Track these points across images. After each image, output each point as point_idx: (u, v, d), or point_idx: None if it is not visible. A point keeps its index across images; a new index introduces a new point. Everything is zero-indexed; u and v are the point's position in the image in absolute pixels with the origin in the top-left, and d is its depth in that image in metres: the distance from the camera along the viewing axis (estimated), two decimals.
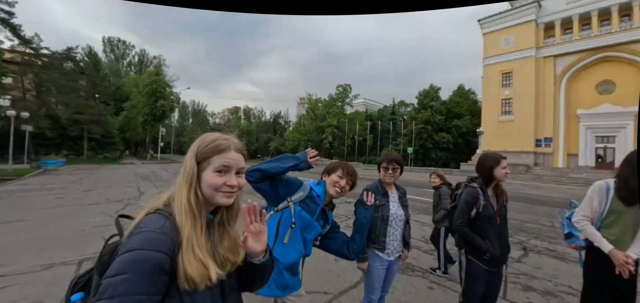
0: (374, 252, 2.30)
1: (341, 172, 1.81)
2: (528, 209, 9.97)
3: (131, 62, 60.39)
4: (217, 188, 0.86)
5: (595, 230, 2.05)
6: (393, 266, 2.41)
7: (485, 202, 2.21)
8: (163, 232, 0.75)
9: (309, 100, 54.86)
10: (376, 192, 2.33)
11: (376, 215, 2.28)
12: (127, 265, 0.69)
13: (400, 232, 2.36)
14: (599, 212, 2.07)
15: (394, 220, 2.31)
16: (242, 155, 0.92)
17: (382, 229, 2.29)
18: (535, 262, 4.81)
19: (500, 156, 2.26)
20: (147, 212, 0.83)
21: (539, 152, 34.68)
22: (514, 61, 36.52)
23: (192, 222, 0.81)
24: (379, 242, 2.29)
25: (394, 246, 2.33)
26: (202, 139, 0.90)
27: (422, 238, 5.81)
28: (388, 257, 2.31)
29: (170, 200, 0.85)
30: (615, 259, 1.90)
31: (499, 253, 2.19)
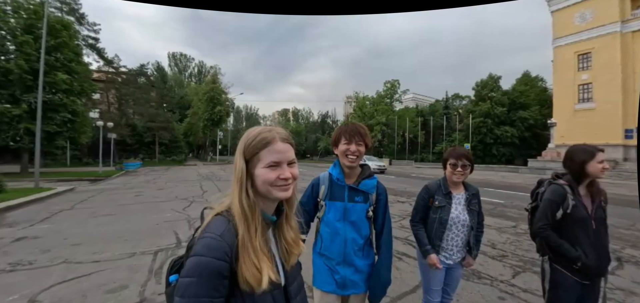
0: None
1: (346, 139, 1.63)
2: (620, 212, 8.49)
3: (192, 73, 66.53)
4: (272, 183, 0.84)
5: None
6: (454, 271, 2.20)
7: (576, 201, 1.86)
8: (222, 238, 0.77)
9: (356, 98, 54.27)
10: (437, 191, 2.18)
11: (434, 217, 2.15)
12: (192, 269, 0.73)
13: (463, 237, 2.13)
14: None
15: (454, 225, 2.11)
16: (290, 145, 0.89)
17: (439, 233, 2.13)
18: (634, 275, 4.05)
19: (596, 148, 1.88)
20: (216, 213, 0.84)
21: (630, 144, 29.46)
22: (593, 39, 31.56)
23: (246, 224, 0.80)
24: (435, 245, 2.14)
25: (454, 251, 2.14)
26: (246, 135, 0.88)
27: (488, 243, 5.30)
28: (446, 259, 2.14)
29: (231, 203, 0.85)
30: None
31: (595, 263, 1.82)
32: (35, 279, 3.69)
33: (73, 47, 19.95)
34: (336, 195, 1.66)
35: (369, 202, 1.70)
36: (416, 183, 15.11)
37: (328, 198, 1.66)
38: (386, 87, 50.75)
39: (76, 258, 4.42)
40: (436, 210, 2.13)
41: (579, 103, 32.66)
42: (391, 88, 50.34)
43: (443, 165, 2.22)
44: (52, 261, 4.29)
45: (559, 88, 34.67)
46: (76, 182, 15.26)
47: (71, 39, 19.70)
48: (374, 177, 1.75)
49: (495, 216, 7.61)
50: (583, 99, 32.55)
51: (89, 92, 23.28)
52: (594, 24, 31.53)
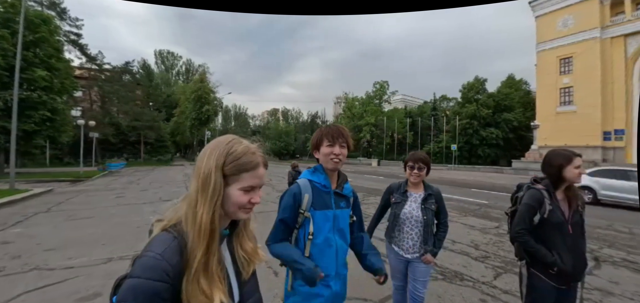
0: (389, 246, 2.43)
1: (329, 140, 1.52)
2: (598, 213, 8.77)
3: (179, 72, 65.26)
4: (241, 206, 0.80)
5: None
6: (417, 266, 2.31)
7: (553, 206, 1.87)
8: (163, 257, 0.69)
9: (345, 99, 54.45)
10: (397, 189, 2.42)
11: (391, 212, 2.42)
12: (128, 292, 0.67)
13: (417, 233, 2.30)
14: None
15: (407, 220, 2.31)
16: (266, 168, 0.86)
17: (393, 226, 2.39)
18: (610, 275, 4.16)
19: (573, 153, 1.89)
20: (163, 227, 0.77)
21: (609, 146, 30.60)
22: (574, 44, 32.63)
23: (209, 244, 0.74)
24: (391, 237, 2.41)
25: (409, 245, 2.31)
26: (226, 148, 0.79)
27: (471, 244, 5.36)
28: (404, 253, 2.33)
29: (185, 217, 0.76)
30: None
31: (571, 268, 1.83)
32: (2, 288, 3.50)
33: (53, 42, 19.22)
34: (323, 203, 1.51)
35: (350, 206, 1.66)
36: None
37: (314, 207, 1.50)
38: (375, 88, 51.15)
39: (48, 264, 4.21)
40: (393, 206, 2.39)
41: (561, 106, 33.70)
42: (380, 89, 50.76)
43: (404, 166, 2.42)
44: (22, 268, 4.08)
45: (541, 91, 35.70)
46: (55, 183, 14.70)
47: (51, 34, 18.97)
48: (347, 180, 1.71)
49: (479, 217, 7.72)
50: (564, 102, 33.60)
51: (70, 89, 22.47)
52: (575, 29, 32.60)
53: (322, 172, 1.56)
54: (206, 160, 0.78)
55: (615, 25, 30.82)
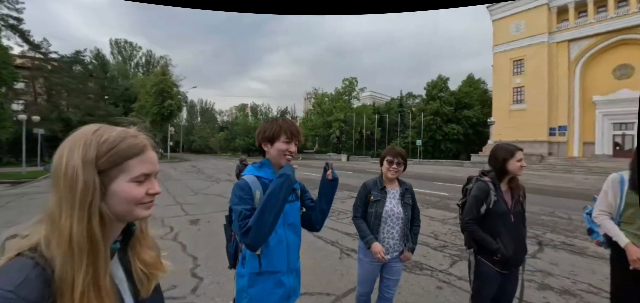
0: (367, 248, 2.21)
1: (287, 136, 1.45)
2: (542, 201, 9.60)
3: (138, 63, 61.19)
4: (138, 202, 0.66)
5: (614, 224, 2.00)
6: (393, 265, 2.23)
7: (497, 197, 2.01)
8: (18, 293, 0.51)
9: (315, 95, 54.49)
10: (374, 186, 2.27)
11: (370, 211, 2.23)
12: None
13: (398, 230, 2.22)
14: (615, 206, 2.03)
15: (389, 218, 2.19)
16: (156, 152, 0.73)
17: (376, 226, 2.20)
18: (551, 257, 4.56)
19: (515, 147, 2.03)
20: (16, 253, 0.57)
21: (553, 141, 33.67)
22: (525, 48, 35.37)
23: (93, 264, 0.58)
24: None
25: (389, 244, 2.20)
26: (95, 139, 0.63)
27: (431, 234, 5.60)
28: (385, 253, 2.16)
29: (46, 240, 0.59)
30: (629, 254, 1.85)
31: (512, 255, 1.98)
32: None
33: None
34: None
35: (298, 198, 1.63)
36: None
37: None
38: (344, 85, 51.73)
39: None
40: (373, 204, 2.22)
41: (513, 104, 36.44)
42: (349, 85, 51.44)
43: (380, 162, 2.31)
44: None
45: (497, 90, 38.37)
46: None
47: None
48: None
49: (440, 208, 8.11)
50: (517, 100, 36.36)
51: (9, 80, 20.18)
52: (526, 34, 35.33)
53: (270, 168, 1.50)
54: (66, 159, 0.60)
55: (560, 31, 33.85)
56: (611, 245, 2.04)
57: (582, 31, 32.30)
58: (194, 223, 6.36)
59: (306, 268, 4.00)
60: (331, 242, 5.14)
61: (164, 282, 0.85)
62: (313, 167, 27.14)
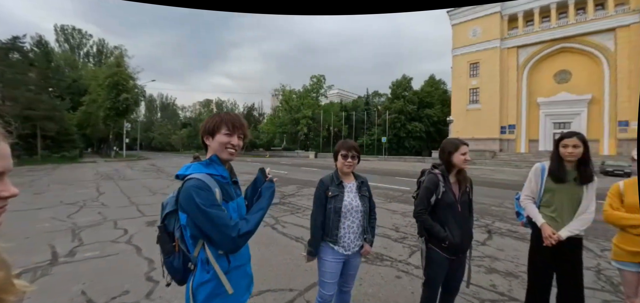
0: (327, 244, 2.17)
1: (229, 129, 1.39)
2: (493, 193, 10.40)
3: (89, 53, 56.24)
4: None
5: (534, 207, 2.35)
6: (353, 260, 2.24)
7: (446, 189, 2.15)
8: None
9: (283, 92, 53.97)
10: (331, 182, 2.23)
11: (329, 207, 2.17)
12: None
13: (358, 224, 2.20)
14: (537, 191, 2.37)
15: (348, 212, 2.16)
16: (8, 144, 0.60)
17: (335, 222, 2.15)
18: (498, 244, 4.96)
19: (460, 142, 2.19)
20: None
21: (504, 138, 36.61)
22: (480, 52, 37.99)
23: None
24: (332, 235, 2.15)
25: (350, 239, 2.17)
26: None
27: (392, 227, 5.81)
28: (344, 250, 2.16)
29: None
30: (543, 232, 2.22)
31: (459, 241, 2.13)
32: None
33: None
34: (228, 195, 1.42)
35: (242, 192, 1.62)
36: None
37: (224, 201, 1.38)
38: (312, 82, 51.89)
39: None
40: (331, 200, 2.18)
41: (470, 104, 39.00)
42: (317, 83, 51.69)
43: (335, 157, 2.27)
44: None
45: (455, 91, 40.79)
46: None
47: None
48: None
49: (402, 202, 8.46)
50: (473, 101, 38.95)
51: None
52: (482, 39, 37.94)
53: (220, 164, 1.42)
54: None
55: (511, 37, 36.81)
56: (532, 225, 2.36)
57: (529, 38, 35.45)
58: (151, 225, 6.00)
59: (270, 264, 3.98)
60: (296, 238, 5.14)
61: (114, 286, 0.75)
62: (281, 164, 26.88)
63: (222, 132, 1.39)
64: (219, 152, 1.41)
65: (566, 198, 2.24)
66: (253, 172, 14.21)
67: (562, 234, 2.17)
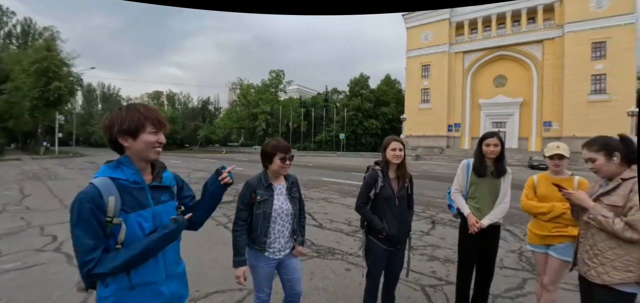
0: (256, 252, 2.05)
1: (154, 126, 1.23)
2: (439, 186, 11.22)
3: (11, 33, 48.69)
4: None
5: (462, 199, 2.65)
6: (288, 263, 2.14)
7: (384, 183, 2.28)
8: None
9: (240, 86, 52.25)
10: (258, 185, 2.05)
11: (257, 213, 2.02)
12: None
13: (288, 227, 2.11)
14: (464, 185, 2.66)
15: (278, 216, 2.05)
16: None
17: (264, 228, 2.01)
18: (440, 233, 5.37)
19: (393, 138, 2.34)
20: None
21: (451, 136, 39.62)
22: (431, 55, 40.53)
23: None
24: (260, 243, 2.02)
25: (281, 244, 2.07)
26: None
27: (345, 221, 5.98)
28: (274, 256, 2.06)
29: None
30: (468, 221, 2.52)
31: (395, 233, 2.26)
32: None
33: None
34: (136, 203, 1.21)
35: (175, 197, 1.42)
36: (302, 172, 15.87)
37: (124, 210, 1.18)
38: (271, 77, 51.07)
39: None
40: (259, 205, 2.02)
41: (421, 103, 41.47)
42: (276, 78, 50.98)
43: (267, 158, 2.07)
44: None
45: (409, 91, 43.09)
46: None
47: None
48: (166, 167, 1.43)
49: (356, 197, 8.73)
50: (424, 100, 41.45)
51: None
52: (432, 43, 40.48)
53: (131, 166, 1.22)
54: None
55: (457, 43, 39.81)
56: (461, 215, 2.65)
57: (473, 45, 38.73)
58: None
59: (220, 265, 3.85)
60: None
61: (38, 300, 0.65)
62: (238, 160, 26.09)
63: (148, 130, 1.22)
64: (145, 153, 1.23)
65: (487, 190, 2.56)
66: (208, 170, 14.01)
67: (484, 222, 2.48)
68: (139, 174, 1.25)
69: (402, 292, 3.20)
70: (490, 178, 2.55)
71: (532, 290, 3.29)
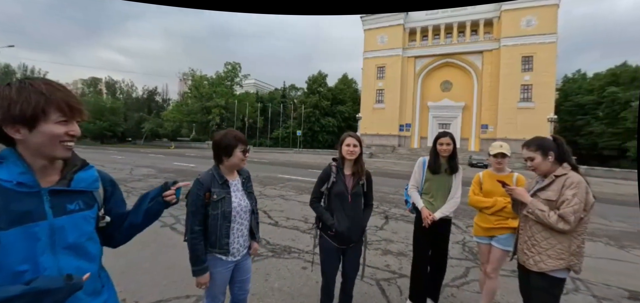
0: (215, 256, 1.86)
1: (64, 114, 0.92)
2: (392, 183, 11.73)
3: None
4: None
5: (417, 194, 2.79)
6: (243, 264, 2.01)
7: (337, 180, 2.24)
8: None
9: (193, 77, 49.08)
10: (213, 182, 1.84)
11: (215, 213, 1.82)
12: None
13: (247, 225, 1.97)
14: (420, 181, 2.80)
15: (237, 215, 1.88)
16: None
17: (224, 229, 1.84)
18: (393, 227, 5.57)
19: (348, 135, 2.30)
20: None
21: (402, 135, 41.91)
22: (386, 57, 42.39)
23: None
24: (221, 245, 1.84)
25: (239, 244, 1.93)
26: None
27: (302, 219, 5.90)
28: (234, 258, 1.92)
29: None
30: (422, 214, 2.65)
31: (345, 230, 2.19)
32: None
33: None
34: (20, 214, 0.88)
35: (97, 204, 1.09)
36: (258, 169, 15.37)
37: (8, 229, 0.86)
38: (227, 69, 48.88)
39: None
40: (216, 204, 1.82)
41: (376, 103, 43.18)
42: (232, 70, 48.92)
43: (227, 151, 1.85)
44: None
45: (365, 90, 44.55)
46: None
47: None
48: (90, 165, 1.12)
49: None
50: (378, 100, 43.21)
51: None
52: (388, 46, 42.32)
53: (17, 162, 0.91)
54: None
55: (410, 48, 42.17)
56: (415, 210, 2.78)
57: (423, 51, 41.40)
58: None
59: (164, 269, 3.50)
60: None
61: None
62: (188, 157, 24.53)
63: (53, 119, 0.91)
64: (48, 148, 0.93)
65: (440, 186, 2.70)
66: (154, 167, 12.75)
67: (436, 215, 2.62)
68: (31, 174, 0.92)
69: (358, 288, 3.20)
70: (443, 175, 2.70)
71: (474, 278, 3.54)
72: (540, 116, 32.44)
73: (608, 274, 3.95)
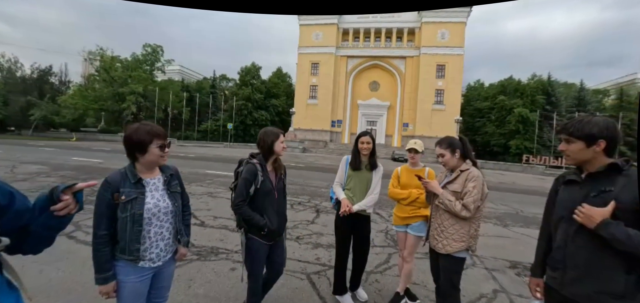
0: (126, 263, 1.63)
1: None
2: (323, 177, 12.08)
3: None
4: None
5: (340, 188, 2.93)
6: (165, 270, 1.81)
7: (264, 177, 2.20)
8: None
9: (102, 57, 41.87)
10: (123, 182, 1.62)
11: (123, 216, 1.59)
12: None
13: (169, 228, 1.75)
14: (343, 177, 2.94)
15: (154, 217, 1.67)
16: None
17: (135, 233, 1.61)
18: (324, 221, 5.73)
19: (280, 131, 2.31)
20: None
21: (333, 131, 43.61)
22: (320, 54, 43.40)
23: None
24: (131, 251, 1.61)
25: (160, 248, 1.71)
26: None
27: (230, 217, 5.62)
28: (153, 264, 1.70)
29: None
30: (341, 204, 2.79)
31: (276, 226, 2.25)
32: None
33: None
34: None
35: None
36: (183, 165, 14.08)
37: None
38: (146, 52, 43.28)
39: None
40: (125, 206, 1.60)
41: (310, 99, 43.92)
42: (152, 53, 43.49)
43: (141, 147, 1.63)
44: None
45: (299, 85, 44.85)
46: None
47: None
48: None
49: None
50: (312, 96, 44.02)
51: None
52: (322, 43, 43.30)
53: None
54: None
55: (343, 48, 43.92)
56: (338, 204, 2.89)
57: (355, 51, 43.66)
58: None
59: (67, 285, 2.92)
60: None
61: None
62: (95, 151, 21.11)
63: None
64: None
65: (360, 181, 2.87)
66: (45, 163, 10.81)
67: (354, 207, 2.76)
68: None
69: (289, 283, 3.21)
70: (364, 171, 2.86)
71: (395, 263, 3.88)
72: (449, 117, 37.59)
73: (495, 249, 4.78)
